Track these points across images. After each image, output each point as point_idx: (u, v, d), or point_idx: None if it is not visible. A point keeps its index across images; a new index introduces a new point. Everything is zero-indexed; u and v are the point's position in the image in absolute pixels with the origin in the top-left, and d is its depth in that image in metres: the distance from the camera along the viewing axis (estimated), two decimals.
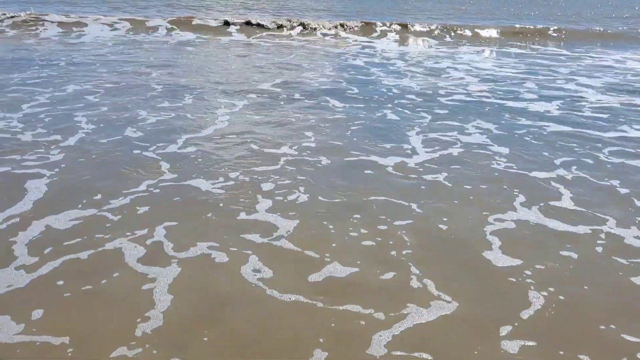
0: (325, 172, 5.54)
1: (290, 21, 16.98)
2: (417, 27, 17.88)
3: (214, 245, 4.01)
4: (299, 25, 16.83)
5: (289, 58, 12.61)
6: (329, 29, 16.71)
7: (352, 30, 17.04)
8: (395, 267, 3.79)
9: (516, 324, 3.20)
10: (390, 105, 8.41)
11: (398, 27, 17.59)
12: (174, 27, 16.35)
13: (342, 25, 16.99)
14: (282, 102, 8.39)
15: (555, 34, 18.52)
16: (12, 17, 15.77)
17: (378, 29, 17.48)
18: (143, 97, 8.35)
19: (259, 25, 16.64)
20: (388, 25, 17.83)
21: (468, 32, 17.81)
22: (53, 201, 4.65)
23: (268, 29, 16.53)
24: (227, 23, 16.67)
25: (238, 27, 16.69)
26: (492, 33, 18.03)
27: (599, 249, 4.13)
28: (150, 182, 5.11)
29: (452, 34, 17.76)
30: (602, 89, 10.40)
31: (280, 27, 16.61)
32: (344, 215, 4.57)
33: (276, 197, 4.88)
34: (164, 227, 4.26)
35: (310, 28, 16.65)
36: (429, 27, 17.92)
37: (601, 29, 19.50)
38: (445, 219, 4.54)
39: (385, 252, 3.99)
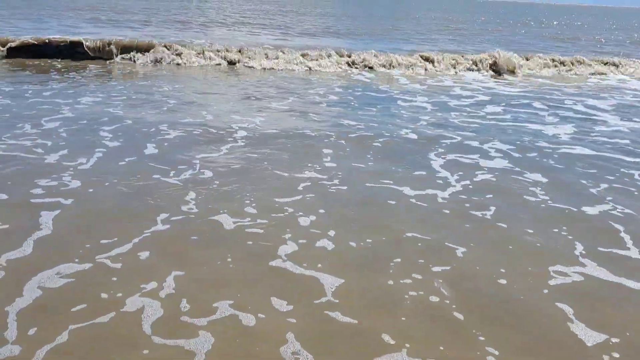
0: (349, 205, 4.76)
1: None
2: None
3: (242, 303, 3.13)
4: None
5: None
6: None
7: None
8: (455, 336, 2.93)
9: None
10: (412, 126, 7.72)
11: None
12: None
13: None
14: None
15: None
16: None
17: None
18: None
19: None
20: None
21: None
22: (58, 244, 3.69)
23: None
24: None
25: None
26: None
27: None
28: (164, 216, 4.24)
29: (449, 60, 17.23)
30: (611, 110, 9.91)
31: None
32: (380, 262, 3.74)
33: (300, 239, 4.04)
34: (182, 277, 3.36)
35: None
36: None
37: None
38: (496, 269, 3.73)
39: (439, 314, 3.13)
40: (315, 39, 19.81)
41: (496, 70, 14.31)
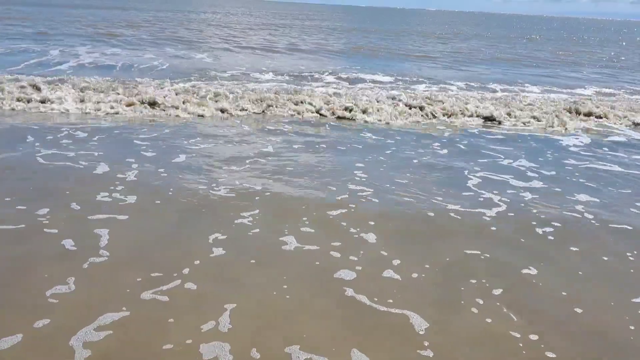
0: (407, 233, 4.51)
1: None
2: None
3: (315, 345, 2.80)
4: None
5: None
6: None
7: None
8: None
9: None
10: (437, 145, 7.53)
11: None
12: None
13: None
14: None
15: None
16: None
17: None
18: None
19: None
20: None
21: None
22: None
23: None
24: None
25: None
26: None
27: None
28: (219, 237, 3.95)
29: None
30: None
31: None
32: (465, 291, 3.48)
33: (362, 264, 3.75)
34: (242, 312, 3.05)
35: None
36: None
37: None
38: (580, 300, 3.50)
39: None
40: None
41: None
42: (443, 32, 42.63)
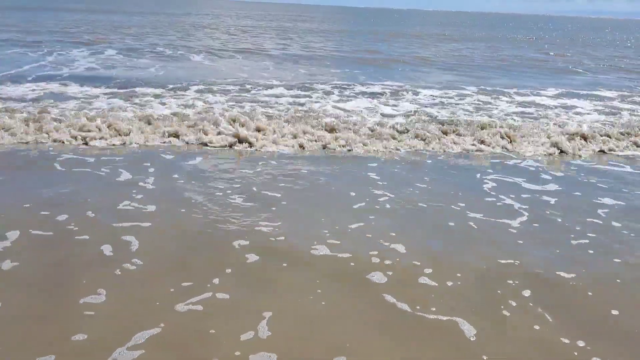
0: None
1: None
2: None
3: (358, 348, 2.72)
4: None
5: None
6: None
7: None
8: None
9: None
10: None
11: None
12: None
13: None
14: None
15: None
16: None
17: None
18: None
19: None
20: None
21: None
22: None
23: None
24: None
25: None
26: None
27: None
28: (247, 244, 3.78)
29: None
30: None
31: None
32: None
33: (394, 268, 3.66)
34: (280, 318, 2.96)
35: None
36: None
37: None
38: (617, 304, 3.42)
39: None
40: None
41: None
42: (451, 33, 42.44)
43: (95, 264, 3.58)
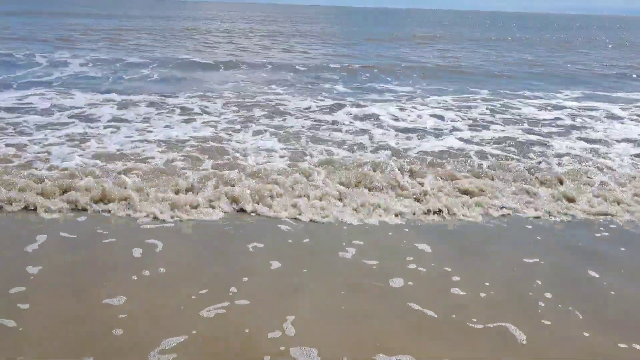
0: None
1: None
2: None
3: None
4: None
5: None
6: None
7: None
8: None
9: None
10: None
11: None
12: None
13: None
14: None
15: None
16: None
17: None
18: None
19: None
20: None
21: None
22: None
23: None
24: None
25: None
26: None
27: None
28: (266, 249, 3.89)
29: None
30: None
31: None
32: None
33: (421, 274, 3.72)
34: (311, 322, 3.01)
35: None
36: None
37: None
38: None
39: None
40: None
41: None
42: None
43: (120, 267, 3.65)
